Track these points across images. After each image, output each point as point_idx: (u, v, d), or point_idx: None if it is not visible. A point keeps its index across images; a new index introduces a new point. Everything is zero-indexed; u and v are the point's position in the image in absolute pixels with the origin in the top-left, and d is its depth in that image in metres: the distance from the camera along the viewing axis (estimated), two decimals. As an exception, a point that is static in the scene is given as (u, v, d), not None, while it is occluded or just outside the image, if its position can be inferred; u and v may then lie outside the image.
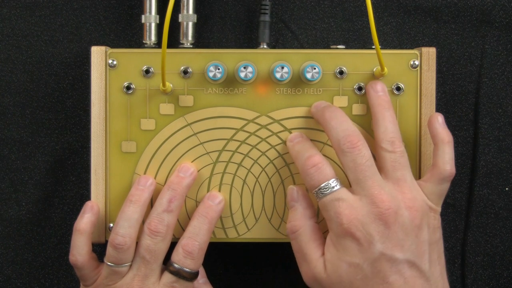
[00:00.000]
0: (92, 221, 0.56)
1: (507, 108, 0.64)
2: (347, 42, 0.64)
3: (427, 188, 0.54)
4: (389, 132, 0.54)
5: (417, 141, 0.58)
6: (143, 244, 0.55)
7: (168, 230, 0.55)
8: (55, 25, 0.63)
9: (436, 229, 0.54)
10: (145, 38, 0.60)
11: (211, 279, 0.60)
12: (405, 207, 0.52)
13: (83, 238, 0.56)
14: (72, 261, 0.56)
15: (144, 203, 0.56)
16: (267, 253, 0.63)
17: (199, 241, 0.56)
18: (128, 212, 0.55)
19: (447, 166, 0.54)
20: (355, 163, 0.52)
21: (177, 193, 0.56)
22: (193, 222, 0.56)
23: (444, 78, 0.64)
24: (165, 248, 0.56)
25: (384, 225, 0.51)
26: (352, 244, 0.51)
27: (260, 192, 0.59)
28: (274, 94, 0.58)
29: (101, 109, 0.58)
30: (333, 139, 0.54)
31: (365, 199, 0.52)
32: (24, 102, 0.64)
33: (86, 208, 0.57)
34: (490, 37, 0.64)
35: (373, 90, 0.57)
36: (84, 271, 0.56)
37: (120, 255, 0.54)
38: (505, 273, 0.65)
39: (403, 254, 0.51)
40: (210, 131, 0.58)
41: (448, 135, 0.55)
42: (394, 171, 0.53)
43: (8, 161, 0.64)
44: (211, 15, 0.64)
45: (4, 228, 0.64)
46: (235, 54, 0.58)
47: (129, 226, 0.55)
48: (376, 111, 0.56)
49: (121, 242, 0.54)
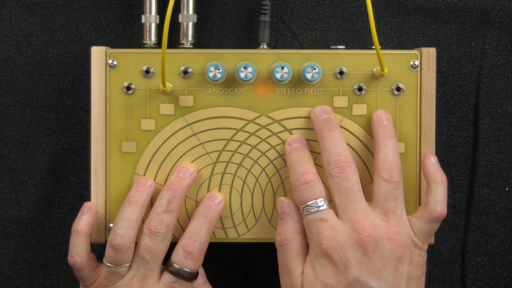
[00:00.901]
0: (90, 222, 0.56)
1: (507, 108, 0.64)
2: (347, 42, 0.64)
3: (415, 225, 0.54)
4: (389, 160, 0.54)
5: (417, 142, 0.58)
6: (143, 245, 0.55)
7: (167, 231, 0.55)
8: (55, 25, 0.63)
9: (419, 266, 0.54)
10: (145, 38, 0.60)
11: (211, 279, 0.60)
12: (387, 238, 0.52)
13: (82, 239, 0.56)
14: (71, 262, 0.56)
15: (144, 204, 0.56)
16: (267, 253, 0.63)
17: (199, 241, 0.56)
18: (127, 213, 0.55)
19: (438, 206, 0.54)
20: (340, 186, 0.53)
21: (176, 193, 0.56)
22: (193, 222, 0.56)
23: (444, 78, 0.64)
24: (165, 248, 0.56)
25: (362, 252, 0.51)
26: (329, 265, 0.52)
27: (260, 192, 0.59)
28: (274, 94, 0.58)
29: (101, 109, 0.58)
30: (325, 160, 0.54)
31: (348, 224, 0.52)
32: (24, 102, 0.64)
33: (84, 209, 0.57)
34: (490, 37, 0.64)
35: (378, 118, 0.57)
36: (83, 272, 0.56)
37: (119, 256, 0.54)
38: (505, 273, 0.65)
39: (378, 284, 0.51)
40: (210, 131, 0.58)
41: (442, 175, 0.55)
42: (385, 202, 0.53)
43: (8, 161, 0.64)
44: (211, 15, 0.64)
45: (4, 228, 0.64)
46: (235, 54, 0.58)
47: (128, 227, 0.55)
48: (378, 138, 0.56)
49: (120, 243, 0.54)
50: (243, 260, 0.65)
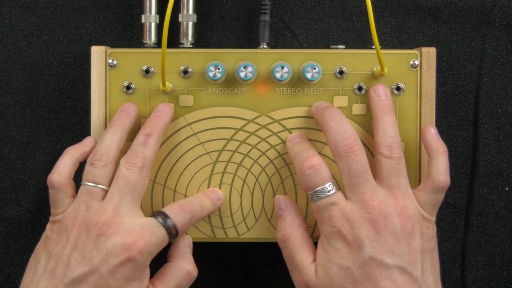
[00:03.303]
0: (86, 151, 0.56)
1: (507, 108, 0.64)
2: (347, 42, 0.64)
3: (421, 198, 0.54)
4: (388, 136, 0.54)
5: (417, 141, 0.58)
6: (119, 174, 0.54)
7: (144, 163, 0.54)
8: (55, 25, 0.63)
9: (430, 238, 0.54)
10: (145, 38, 0.60)
11: (211, 279, 0.60)
12: (396, 214, 0.52)
13: (70, 159, 0.55)
14: (51, 179, 0.55)
15: (125, 127, 0.56)
16: (267, 253, 0.63)
17: (195, 210, 0.56)
18: (108, 133, 0.55)
19: (441, 176, 0.54)
20: (349, 167, 0.52)
21: (153, 130, 0.55)
22: (195, 195, 0.58)
23: (444, 78, 0.64)
24: (141, 182, 0.54)
25: (374, 230, 0.51)
26: (342, 246, 0.51)
27: (260, 192, 0.59)
28: (274, 94, 0.58)
29: (101, 109, 0.58)
30: (331, 140, 0.54)
31: (357, 204, 0.52)
32: (24, 102, 0.64)
33: (86, 140, 0.57)
34: (490, 37, 0.64)
35: (375, 93, 0.57)
36: (59, 194, 0.54)
37: (96, 171, 0.54)
38: (505, 273, 0.65)
39: (393, 260, 0.51)
40: (210, 131, 0.58)
41: (442, 145, 0.55)
42: (389, 177, 0.53)
43: (8, 161, 0.64)
44: (211, 15, 0.64)
45: (4, 228, 0.64)
46: (235, 54, 0.58)
47: (108, 146, 0.54)
48: (377, 115, 0.56)
49: (98, 158, 0.54)
50: (243, 260, 0.64)
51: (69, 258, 0.52)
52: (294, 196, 0.59)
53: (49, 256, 0.53)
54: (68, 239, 0.52)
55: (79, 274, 0.51)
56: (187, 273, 0.56)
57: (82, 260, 0.51)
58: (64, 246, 0.52)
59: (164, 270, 0.56)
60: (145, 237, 0.52)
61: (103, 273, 0.51)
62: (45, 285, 0.52)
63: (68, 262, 0.52)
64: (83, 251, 0.51)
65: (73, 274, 0.51)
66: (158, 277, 0.55)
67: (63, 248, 0.52)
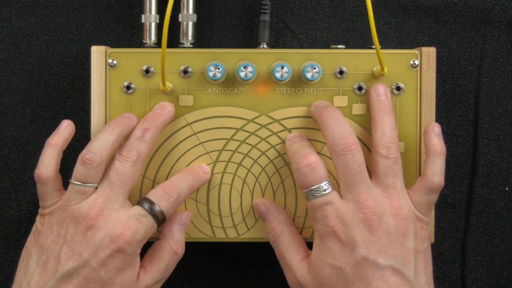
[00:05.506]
0: (66, 137, 0.56)
1: (507, 108, 0.64)
2: (347, 42, 0.64)
3: (415, 198, 0.54)
4: (386, 136, 0.54)
5: (417, 141, 0.58)
6: (112, 167, 0.54)
7: (138, 158, 0.54)
8: (55, 25, 0.64)
9: (424, 239, 0.54)
10: (145, 37, 0.60)
11: (211, 279, 0.60)
12: (390, 214, 0.52)
13: (53, 152, 0.55)
14: (38, 175, 0.55)
15: (123, 130, 0.55)
16: (267, 253, 0.63)
17: (179, 190, 0.55)
18: (104, 133, 0.55)
19: (436, 177, 0.54)
20: (346, 167, 0.52)
21: (152, 125, 0.56)
22: (179, 174, 0.57)
23: (444, 78, 0.64)
24: (133, 175, 0.54)
25: (368, 231, 0.51)
26: (336, 246, 0.51)
27: (260, 191, 0.59)
28: (274, 94, 0.58)
29: (101, 109, 0.58)
30: (328, 139, 0.54)
31: (352, 203, 0.52)
32: (24, 102, 0.64)
33: (62, 125, 0.57)
34: (490, 37, 0.64)
35: (375, 93, 0.57)
36: (46, 187, 0.55)
37: (88, 172, 0.53)
38: (505, 273, 0.64)
39: (386, 260, 0.51)
40: (210, 131, 0.58)
41: (442, 146, 0.55)
42: (385, 177, 0.53)
43: (8, 161, 0.64)
44: (211, 15, 0.64)
45: (4, 228, 0.64)
46: (235, 54, 0.58)
47: (102, 146, 0.54)
48: (375, 114, 0.56)
49: (91, 158, 0.53)
50: (243, 260, 0.64)
51: (59, 253, 0.52)
52: (294, 196, 0.59)
53: (40, 251, 0.53)
54: (58, 233, 0.53)
55: (69, 269, 0.52)
56: (173, 253, 0.56)
57: (72, 255, 0.52)
58: (54, 241, 0.53)
59: (153, 250, 0.56)
60: (131, 227, 0.52)
61: (94, 266, 0.51)
62: (38, 279, 0.52)
63: (58, 256, 0.52)
64: (72, 245, 0.52)
65: (64, 269, 0.52)
66: (148, 258, 0.56)
67: (53, 242, 0.53)
